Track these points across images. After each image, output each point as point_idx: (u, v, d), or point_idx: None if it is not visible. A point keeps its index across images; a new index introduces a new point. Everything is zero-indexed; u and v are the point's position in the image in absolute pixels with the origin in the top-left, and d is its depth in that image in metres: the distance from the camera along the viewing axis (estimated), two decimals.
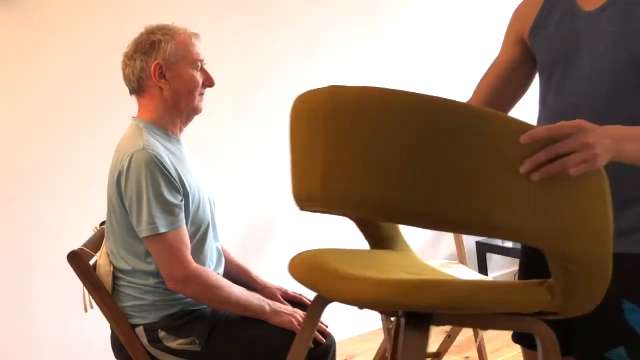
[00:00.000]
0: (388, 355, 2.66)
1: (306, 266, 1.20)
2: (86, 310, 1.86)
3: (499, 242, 3.64)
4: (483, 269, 3.65)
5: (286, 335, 1.80)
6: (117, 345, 1.83)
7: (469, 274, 2.72)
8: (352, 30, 3.23)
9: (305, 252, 1.25)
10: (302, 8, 3.03)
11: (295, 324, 1.81)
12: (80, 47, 2.42)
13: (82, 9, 2.42)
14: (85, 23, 2.43)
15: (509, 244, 3.70)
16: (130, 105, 1.93)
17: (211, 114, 2.12)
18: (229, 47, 2.81)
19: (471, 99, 1.59)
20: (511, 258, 3.80)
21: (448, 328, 2.92)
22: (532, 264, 1.48)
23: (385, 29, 3.36)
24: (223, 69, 2.53)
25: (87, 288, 1.84)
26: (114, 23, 2.47)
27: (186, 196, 1.80)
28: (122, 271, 1.83)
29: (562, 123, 1.04)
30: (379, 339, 2.88)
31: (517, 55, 1.54)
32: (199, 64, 1.87)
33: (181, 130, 1.92)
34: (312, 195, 1.08)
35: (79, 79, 2.43)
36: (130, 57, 1.84)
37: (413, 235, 3.56)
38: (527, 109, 1.73)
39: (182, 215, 1.78)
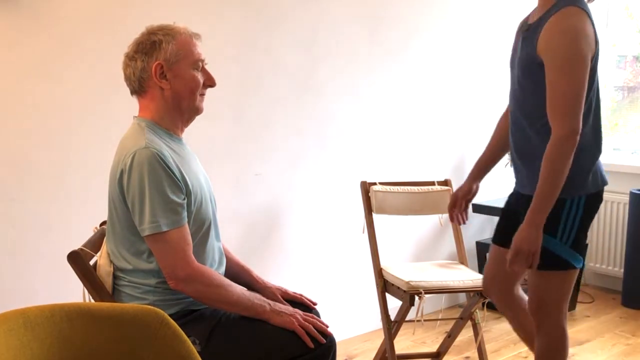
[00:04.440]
0: (388, 355, 2.66)
1: None
2: None
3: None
4: (483, 268, 3.65)
5: (286, 335, 1.80)
6: None
7: (468, 273, 2.72)
8: (352, 30, 3.22)
9: None
10: (302, 8, 3.03)
11: (296, 323, 1.81)
12: (81, 47, 2.41)
13: (83, 8, 2.41)
14: (85, 22, 2.42)
15: None
16: (131, 104, 1.93)
17: (211, 113, 2.12)
18: (230, 46, 2.81)
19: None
20: None
21: (448, 328, 2.92)
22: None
23: (385, 30, 3.35)
24: (223, 68, 2.53)
25: (87, 288, 1.84)
26: (114, 22, 2.47)
27: (188, 195, 1.80)
28: (122, 270, 1.83)
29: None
30: (379, 339, 2.88)
31: None
32: (200, 63, 1.87)
33: (182, 130, 1.92)
34: None
35: (79, 78, 2.42)
36: (131, 58, 1.84)
37: (413, 235, 3.56)
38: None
39: (185, 214, 1.77)
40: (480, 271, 3.57)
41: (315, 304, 2.05)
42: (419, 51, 3.52)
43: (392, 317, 2.67)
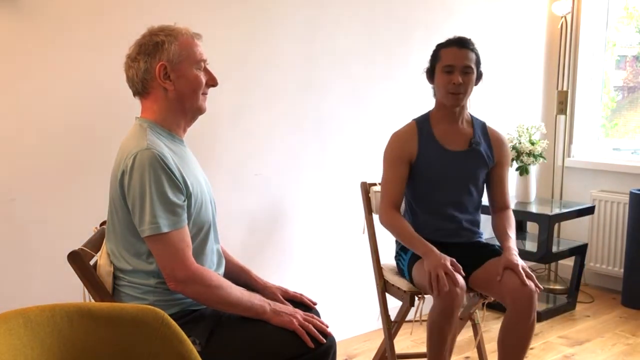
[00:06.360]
0: (388, 355, 2.66)
1: None
2: None
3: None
4: None
5: (286, 335, 1.80)
6: None
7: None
8: (352, 30, 3.23)
9: None
10: (302, 8, 3.03)
11: (296, 323, 1.81)
12: (82, 47, 2.41)
13: (84, 9, 2.41)
14: (87, 23, 2.42)
15: None
16: (132, 104, 1.93)
17: (211, 113, 2.12)
18: (230, 46, 2.81)
19: (391, 204, 2.53)
20: None
21: None
22: None
23: (385, 29, 3.36)
24: (223, 68, 2.53)
25: (87, 288, 1.84)
26: (115, 23, 2.47)
27: (189, 197, 1.80)
28: (122, 271, 1.83)
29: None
30: (379, 339, 2.88)
31: (407, 172, 2.54)
32: (202, 63, 1.87)
33: (185, 130, 1.92)
34: None
35: (79, 78, 2.42)
36: (133, 59, 1.83)
37: None
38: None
39: (185, 215, 1.77)
40: None
41: (315, 303, 2.05)
42: (420, 50, 3.52)
43: (392, 317, 2.67)
